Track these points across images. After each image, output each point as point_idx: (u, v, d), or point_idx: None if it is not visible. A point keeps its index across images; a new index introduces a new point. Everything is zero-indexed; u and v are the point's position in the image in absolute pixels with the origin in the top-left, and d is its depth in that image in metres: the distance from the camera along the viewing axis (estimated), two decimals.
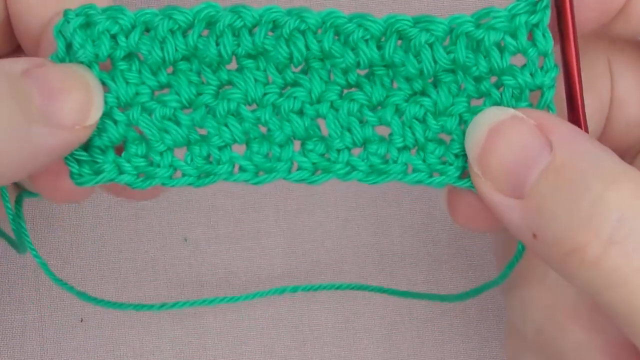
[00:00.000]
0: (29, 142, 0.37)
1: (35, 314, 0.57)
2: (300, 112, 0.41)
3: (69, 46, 0.40)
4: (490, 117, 0.39)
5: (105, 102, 0.40)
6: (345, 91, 0.41)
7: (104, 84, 0.41)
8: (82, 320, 0.58)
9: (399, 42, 0.40)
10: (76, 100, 0.38)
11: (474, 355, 0.59)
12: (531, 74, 0.40)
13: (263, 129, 0.41)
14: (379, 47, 0.40)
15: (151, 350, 0.58)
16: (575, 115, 0.40)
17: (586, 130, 0.40)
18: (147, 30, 0.40)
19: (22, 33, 0.43)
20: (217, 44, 0.40)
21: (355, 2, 0.59)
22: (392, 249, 0.59)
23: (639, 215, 0.35)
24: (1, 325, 0.57)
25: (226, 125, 0.41)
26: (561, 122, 0.38)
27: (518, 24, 0.39)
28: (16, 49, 0.45)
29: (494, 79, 0.41)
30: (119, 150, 0.42)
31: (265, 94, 0.41)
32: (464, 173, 0.41)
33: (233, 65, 0.41)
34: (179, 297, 0.58)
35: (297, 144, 0.42)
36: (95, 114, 0.39)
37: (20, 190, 0.49)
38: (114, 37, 0.40)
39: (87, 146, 0.41)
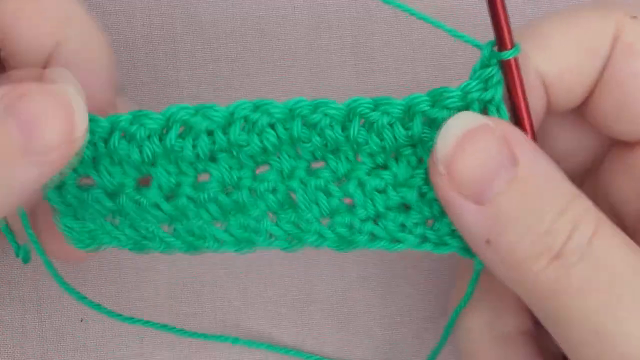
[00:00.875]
0: (14, 180, 0.38)
1: (35, 314, 0.57)
2: (274, 190, 0.43)
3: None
4: (463, 122, 0.41)
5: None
6: (313, 165, 0.44)
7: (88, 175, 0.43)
8: (82, 320, 0.58)
9: (362, 121, 0.43)
10: (57, 124, 0.39)
11: None
12: None
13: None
14: (344, 129, 0.42)
15: (151, 350, 0.58)
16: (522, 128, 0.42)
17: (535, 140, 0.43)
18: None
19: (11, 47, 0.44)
20: (194, 146, 0.42)
21: (355, 2, 0.59)
22: None
23: (584, 235, 0.38)
24: (1, 325, 0.57)
25: (207, 211, 0.44)
26: (524, 138, 0.41)
27: (470, 100, 0.41)
28: None
29: None
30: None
31: (240, 179, 0.43)
32: (423, 240, 0.44)
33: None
34: (179, 296, 0.58)
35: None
36: (80, 126, 0.40)
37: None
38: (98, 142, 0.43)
39: (81, 218, 0.44)
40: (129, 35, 0.58)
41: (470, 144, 0.40)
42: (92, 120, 0.42)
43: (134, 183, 0.43)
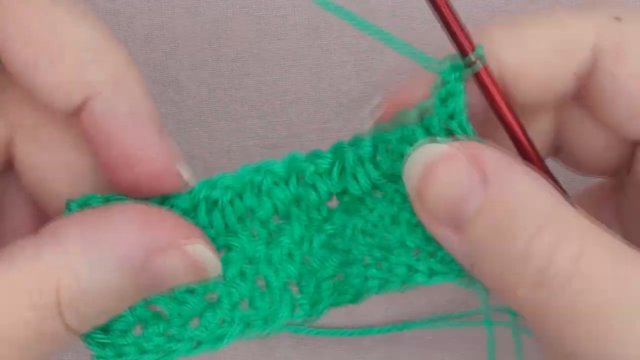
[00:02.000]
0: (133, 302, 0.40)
1: None
2: (290, 256, 0.42)
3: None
4: (425, 154, 0.39)
5: None
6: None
7: None
8: None
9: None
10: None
11: (475, 357, 0.59)
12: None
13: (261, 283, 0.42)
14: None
15: None
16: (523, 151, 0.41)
17: (540, 162, 0.41)
18: None
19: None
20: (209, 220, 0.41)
21: (355, 2, 0.59)
22: None
23: (567, 257, 0.36)
24: None
25: (233, 287, 0.42)
26: (494, 154, 0.38)
27: (433, 126, 0.40)
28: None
29: None
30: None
31: (256, 249, 0.42)
32: (432, 273, 0.42)
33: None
34: None
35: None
36: (211, 275, 0.41)
37: None
38: None
39: (106, 329, 0.42)
40: (129, 35, 0.59)
41: (434, 176, 0.38)
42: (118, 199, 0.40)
43: None
